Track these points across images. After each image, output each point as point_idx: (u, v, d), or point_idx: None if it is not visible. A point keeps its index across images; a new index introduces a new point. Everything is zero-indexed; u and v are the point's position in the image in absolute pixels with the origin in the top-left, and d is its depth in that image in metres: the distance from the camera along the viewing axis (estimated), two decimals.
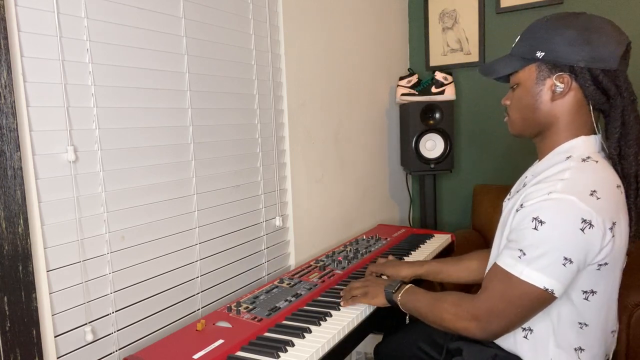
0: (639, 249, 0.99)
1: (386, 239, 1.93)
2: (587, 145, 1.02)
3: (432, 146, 2.30)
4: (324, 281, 1.46)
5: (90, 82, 1.08)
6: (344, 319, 1.21)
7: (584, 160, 0.99)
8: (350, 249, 1.80)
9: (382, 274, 1.45)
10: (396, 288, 1.24)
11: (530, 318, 1.01)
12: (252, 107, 1.58)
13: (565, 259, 0.92)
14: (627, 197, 1.00)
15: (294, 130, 1.77)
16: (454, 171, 2.41)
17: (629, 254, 1.05)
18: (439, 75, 2.30)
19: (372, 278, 1.36)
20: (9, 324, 0.92)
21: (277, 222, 1.69)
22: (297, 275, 1.52)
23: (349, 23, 2.12)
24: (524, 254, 0.95)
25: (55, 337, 1.02)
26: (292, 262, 1.78)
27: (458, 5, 2.54)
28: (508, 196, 1.17)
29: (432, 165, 2.29)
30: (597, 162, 0.98)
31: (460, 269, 1.41)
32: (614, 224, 0.93)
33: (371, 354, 2.09)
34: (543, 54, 1.01)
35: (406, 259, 1.68)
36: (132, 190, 1.19)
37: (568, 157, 1.01)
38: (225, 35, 1.46)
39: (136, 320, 1.19)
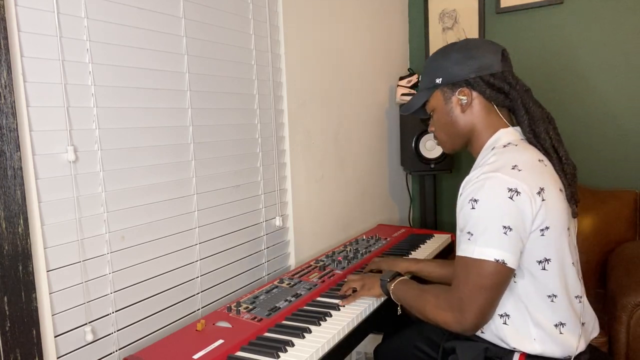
0: (638, 249, 0.99)
1: (386, 239, 1.93)
2: (507, 135, 1.16)
3: (432, 146, 2.30)
4: (324, 281, 1.46)
5: (90, 82, 1.08)
6: (344, 319, 1.21)
7: (504, 146, 1.13)
8: (350, 249, 1.80)
9: (379, 270, 1.49)
10: (390, 278, 1.29)
11: (497, 299, 1.06)
12: (252, 107, 1.58)
13: (504, 227, 1.01)
14: (554, 167, 1.12)
15: (294, 130, 1.77)
16: (454, 171, 2.41)
17: (575, 217, 1.14)
18: None
19: (369, 273, 1.42)
20: (9, 324, 0.92)
21: (277, 222, 1.69)
22: (297, 275, 1.52)
23: (349, 23, 2.12)
24: (471, 234, 1.04)
25: (55, 337, 1.02)
26: (292, 262, 1.78)
27: (458, 5, 2.54)
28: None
29: (432, 165, 2.30)
30: (516, 145, 1.12)
31: (449, 270, 1.43)
32: (541, 189, 1.03)
33: (371, 354, 2.09)
34: (441, 79, 1.19)
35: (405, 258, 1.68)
36: (132, 190, 1.19)
37: (493, 148, 1.15)
38: (225, 35, 1.46)
39: (136, 320, 1.19)
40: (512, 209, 1.01)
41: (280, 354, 1.04)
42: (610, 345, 1.56)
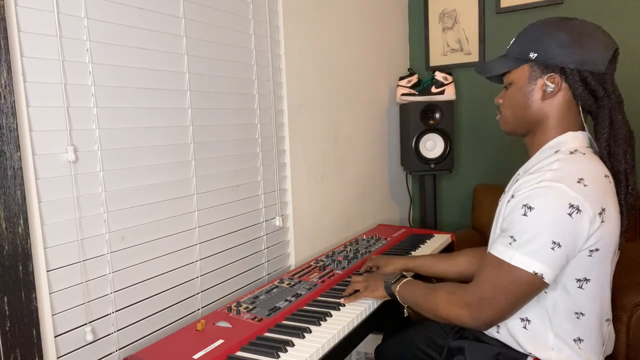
0: (638, 249, 0.99)
1: (386, 239, 1.93)
2: (575, 140, 1.07)
3: (432, 146, 2.30)
4: (324, 281, 1.46)
5: (90, 82, 1.08)
6: (344, 319, 1.21)
7: (571, 152, 1.03)
8: (350, 249, 1.80)
9: (377, 266, 1.50)
10: (395, 280, 1.27)
11: (521, 306, 1.03)
12: (252, 107, 1.58)
13: (554, 242, 0.94)
14: (618, 193, 1.04)
15: (294, 130, 1.77)
16: (454, 171, 2.41)
17: (620, 249, 1.07)
18: (439, 75, 2.30)
19: (373, 273, 1.40)
20: (9, 324, 0.92)
21: (277, 222, 1.69)
22: (297, 275, 1.52)
23: (349, 23, 2.12)
24: (514, 239, 0.98)
25: (55, 337, 1.02)
26: (292, 262, 1.78)
27: (458, 5, 2.54)
28: (503, 194, 1.19)
29: (432, 165, 2.29)
30: (584, 154, 1.03)
31: (450, 264, 1.43)
32: (603, 209, 0.96)
33: (371, 354, 2.09)
34: (536, 54, 1.06)
35: None
36: (132, 190, 1.19)
37: (556, 152, 1.05)
38: (225, 35, 1.46)
39: (136, 320, 1.19)
40: (567, 226, 0.94)
41: (280, 354, 1.04)
42: None
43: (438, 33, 2.62)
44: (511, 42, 1.15)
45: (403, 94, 2.33)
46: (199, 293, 1.37)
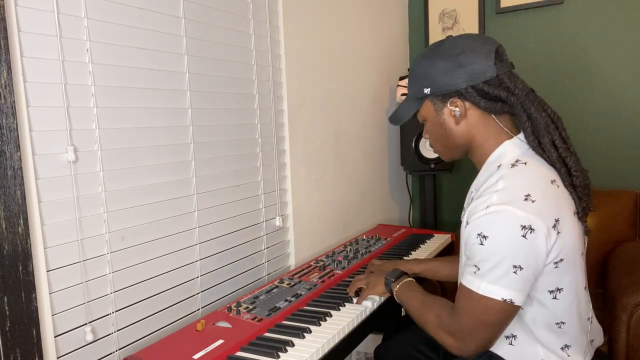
0: (638, 249, 0.99)
1: (386, 239, 1.93)
2: (513, 148, 1.05)
3: None
4: (324, 281, 1.46)
5: (90, 82, 1.08)
6: (344, 319, 1.21)
7: (513, 165, 1.01)
8: (350, 249, 1.80)
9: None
10: (395, 277, 1.27)
11: (502, 331, 1.02)
12: (252, 107, 1.58)
13: (515, 266, 0.93)
14: (563, 182, 1.02)
15: (294, 130, 1.77)
16: (454, 171, 2.41)
17: (588, 235, 1.06)
18: None
19: (375, 272, 1.40)
20: (9, 324, 0.92)
21: (277, 222, 1.69)
22: (297, 275, 1.52)
23: (349, 23, 2.12)
24: (478, 268, 0.97)
25: (55, 337, 1.02)
26: (292, 262, 1.78)
27: (458, 5, 2.54)
28: (463, 212, 1.17)
29: (432, 165, 2.29)
30: (525, 163, 1.01)
31: (454, 269, 1.42)
32: (556, 220, 0.95)
33: (371, 354, 2.09)
34: (429, 89, 1.08)
35: (406, 259, 1.68)
36: (132, 190, 1.19)
37: (499, 166, 1.04)
38: (225, 35, 1.46)
39: (136, 320, 1.19)
40: (524, 247, 0.92)
41: (280, 354, 1.04)
42: (610, 345, 1.56)
43: (438, 33, 2.61)
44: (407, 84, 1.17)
45: (403, 94, 2.33)
46: (199, 293, 1.37)
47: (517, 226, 0.92)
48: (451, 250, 1.96)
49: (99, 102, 1.11)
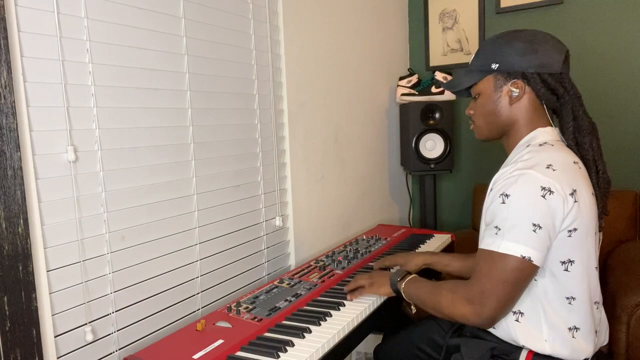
0: (638, 249, 1.00)
1: (386, 239, 1.93)
2: (544, 134, 1.15)
3: (432, 146, 2.30)
4: (324, 281, 1.46)
5: (90, 82, 1.08)
6: (344, 319, 1.21)
7: (540, 145, 1.12)
8: (350, 249, 1.80)
9: (389, 268, 1.49)
10: (400, 277, 1.28)
11: (519, 295, 1.06)
12: (252, 107, 1.58)
13: (534, 225, 1.00)
14: (590, 178, 1.11)
15: (294, 130, 1.77)
16: (454, 171, 2.41)
17: (601, 230, 1.15)
18: (439, 75, 2.30)
19: (378, 270, 1.41)
20: (9, 324, 0.92)
21: (277, 222, 1.69)
22: (297, 275, 1.52)
23: (349, 23, 2.12)
24: (499, 229, 1.04)
25: (55, 337, 1.02)
26: (292, 262, 1.78)
27: (458, 5, 2.54)
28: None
29: (432, 165, 2.29)
30: (552, 145, 1.11)
31: (464, 265, 1.43)
32: (574, 190, 1.03)
33: (371, 354, 2.09)
34: (497, 65, 1.15)
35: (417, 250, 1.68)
36: (132, 190, 1.19)
37: (528, 146, 1.14)
38: (225, 35, 1.46)
39: (136, 320, 1.19)
40: (543, 207, 1.00)
41: (280, 354, 1.04)
42: (611, 345, 1.56)
43: (438, 33, 2.62)
44: (472, 57, 1.23)
45: (403, 94, 2.33)
46: (199, 293, 1.37)
47: (538, 187, 1.01)
48: (451, 251, 1.96)
49: (99, 102, 1.11)
